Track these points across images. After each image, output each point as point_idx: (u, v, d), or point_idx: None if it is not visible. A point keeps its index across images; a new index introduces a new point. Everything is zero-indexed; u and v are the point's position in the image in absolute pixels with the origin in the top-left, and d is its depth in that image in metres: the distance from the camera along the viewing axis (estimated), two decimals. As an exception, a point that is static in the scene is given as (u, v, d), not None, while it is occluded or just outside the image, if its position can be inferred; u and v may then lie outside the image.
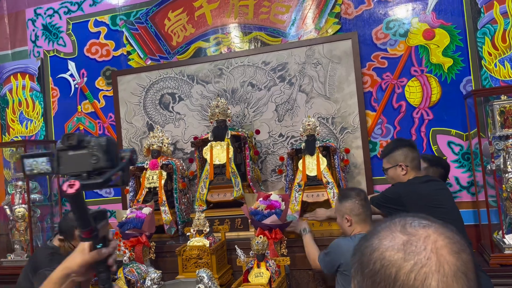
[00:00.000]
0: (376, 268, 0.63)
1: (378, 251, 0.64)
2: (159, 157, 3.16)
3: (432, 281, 0.60)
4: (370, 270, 0.63)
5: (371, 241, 0.67)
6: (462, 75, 2.95)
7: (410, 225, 0.66)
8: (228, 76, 3.37)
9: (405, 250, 0.62)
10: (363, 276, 0.65)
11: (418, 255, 0.62)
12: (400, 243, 0.63)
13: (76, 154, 0.89)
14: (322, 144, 2.87)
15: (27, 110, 3.86)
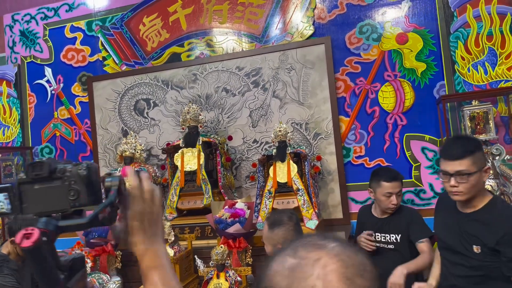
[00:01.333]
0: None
1: (269, 274, 0.61)
2: (132, 163, 3.13)
3: None
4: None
5: (272, 260, 0.63)
6: (436, 80, 2.91)
7: (302, 247, 0.61)
8: (203, 81, 3.34)
9: (292, 276, 0.58)
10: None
11: (304, 281, 0.57)
12: (287, 268, 0.59)
13: (46, 188, 0.70)
14: (293, 150, 2.83)
15: (4, 116, 3.84)
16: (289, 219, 1.88)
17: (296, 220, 1.92)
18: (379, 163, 3.00)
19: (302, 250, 0.61)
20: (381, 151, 3.00)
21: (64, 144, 3.69)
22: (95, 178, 0.72)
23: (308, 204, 2.71)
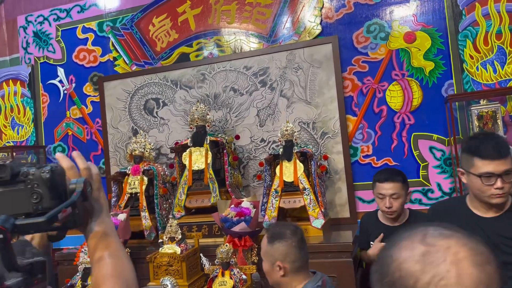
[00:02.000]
0: (395, 278, 0.63)
1: (396, 261, 0.64)
2: (141, 162, 3.17)
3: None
4: (389, 280, 0.64)
5: (391, 251, 0.67)
6: (444, 79, 2.89)
7: (431, 235, 0.65)
8: (211, 81, 3.37)
9: (424, 261, 0.62)
10: (382, 285, 0.66)
11: (436, 267, 0.61)
12: (418, 254, 0.63)
13: (9, 191, 0.70)
14: (299, 149, 2.85)
15: (18, 116, 3.93)
16: (292, 234, 1.71)
17: (301, 236, 1.76)
18: (386, 162, 3.00)
19: (431, 238, 0.65)
20: (388, 150, 3.00)
21: (76, 143, 3.76)
22: (60, 181, 0.71)
23: (314, 203, 2.72)
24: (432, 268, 0.61)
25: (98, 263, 0.79)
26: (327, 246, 2.47)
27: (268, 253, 1.70)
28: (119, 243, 0.84)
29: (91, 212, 0.81)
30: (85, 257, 2.37)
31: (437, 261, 0.62)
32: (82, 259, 2.37)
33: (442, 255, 0.62)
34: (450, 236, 0.65)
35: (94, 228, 0.81)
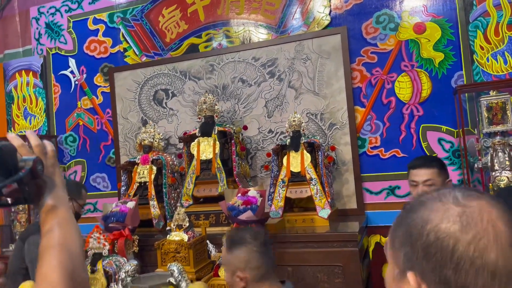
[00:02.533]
0: (430, 240, 0.63)
1: (431, 223, 0.64)
2: (150, 152, 3.21)
3: (491, 252, 0.61)
4: (424, 242, 0.63)
5: (420, 213, 0.67)
6: (454, 70, 2.87)
7: (461, 197, 0.66)
8: (219, 72, 3.39)
9: (462, 221, 0.63)
10: (413, 248, 0.65)
11: (476, 226, 0.62)
12: (455, 215, 0.63)
13: None
14: (307, 140, 2.85)
15: (31, 106, 4.00)
16: (253, 238, 1.59)
17: (263, 239, 1.62)
18: (394, 154, 2.99)
19: (463, 199, 0.65)
20: (396, 142, 2.99)
21: (87, 133, 3.81)
22: (9, 159, 0.73)
23: (321, 194, 2.73)
24: (472, 227, 0.62)
25: (46, 235, 0.83)
26: (333, 236, 2.48)
27: (228, 262, 1.57)
28: (68, 214, 0.86)
29: (43, 188, 0.83)
30: (95, 243, 2.42)
31: (475, 220, 0.62)
32: (91, 244, 2.42)
33: (478, 215, 0.63)
34: (480, 197, 0.66)
35: (46, 202, 0.83)
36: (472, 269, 0.60)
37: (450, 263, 0.61)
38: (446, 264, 0.61)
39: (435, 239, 0.63)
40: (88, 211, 3.76)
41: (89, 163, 3.80)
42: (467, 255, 0.61)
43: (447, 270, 0.61)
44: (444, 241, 0.62)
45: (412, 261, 0.65)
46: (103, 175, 3.75)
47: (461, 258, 0.61)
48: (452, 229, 0.62)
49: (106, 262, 2.40)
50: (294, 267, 2.51)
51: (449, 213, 0.64)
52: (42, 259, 0.81)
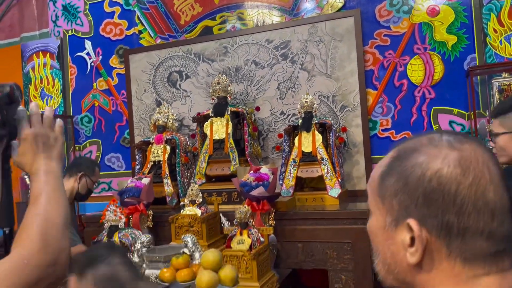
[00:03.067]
0: (433, 186, 0.64)
1: (431, 169, 0.65)
2: (164, 132, 3.28)
3: (490, 192, 0.64)
4: (425, 188, 0.64)
5: (413, 159, 0.67)
6: (466, 53, 2.88)
7: (454, 141, 0.68)
8: (233, 54, 3.43)
9: (462, 165, 0.65)
10: (411, 195, 0.66)
11: (474, 169, 0.65)
12: (455, 159, 0.65)
13: None
14: (318, 121, 2.89)
15: (48, 87, 4.08)
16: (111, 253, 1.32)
17: (122, 254, 1.40)
18: (405, 136, 3.02)
19: (456, 143, 0.67)
20: (407, 124, 3.02)
21: (102, 113, 3.89)
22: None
23: (331, 173, 2.78)
24: (471, 170, 0.64)
25: (33, 201, 0.94)
26: (343, 213, 2.53)
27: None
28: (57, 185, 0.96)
29: (41, 148, 0.96)
30: (111, 216, 2.50)
31: (473, 163, 0.65)
32: (108, 217, 2.50)
33: (474, 158, 0.65)
34: (468, 141, 0.68)
35: (39, 169, 0.95)
36: (474, 210, 0.63)
37: (453, 207, 0.63)
38: (449, 208, 0.63)
39: (438, 184, 0.64)
40: (103, 190, 3.86)
41: (104, 143, 3.89)
42: (469, 197, 0.63)
43: (450, 214, 0.63)
44: (447, 186, 0.64)
45: (410, 209, 0.66)
46: (118, 155, 3.84)
47: (464, 200, 0.63)
48: (454, 173, 0.64)
49: (122, 234, 2.48)
50: (304, 243, 2.57)
51: (448, 158, 0.65)
52: (24, 224, 0.91)
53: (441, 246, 0.65)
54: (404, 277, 0.70)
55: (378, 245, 0.74)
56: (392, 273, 0.72)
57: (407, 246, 0.67)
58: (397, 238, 0.69)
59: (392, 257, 0.70)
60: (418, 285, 0.69)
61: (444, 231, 0.64)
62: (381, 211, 0.71)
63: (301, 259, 2.61)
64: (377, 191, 0.72)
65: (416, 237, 0.65)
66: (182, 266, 1.87)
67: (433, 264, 0.66)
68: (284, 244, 2.63)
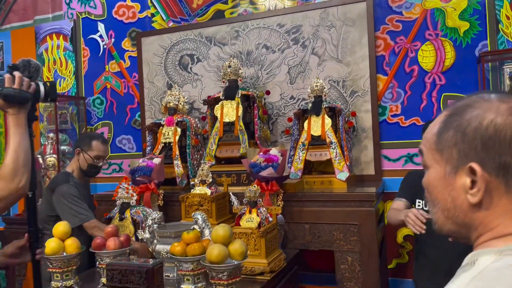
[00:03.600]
0: (489, 133, 0.75)
1: (487, 118, 0.76)
2: (175, 114, 3.32)
3: None
4: (483, 136, 0.75)
5: (470, 114, 0.78)
6: (478, 40, 2.87)
7: (501, 96, 0.79)
8: (244, 38, 3.45)
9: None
10: (470, 143, 0.76)
11: None
12: (507, 109, 0.76)
13: None
14: (328, 105, 2.92)
15: (61, 68, 4.14)
16: None
17: None
18: (414, 122, 3.03)
19: (504, 97, 0.79)
20: (417, 110, 3.03)
21: (114, 95, 3.94)
22: None
23: (340, 157, 2.80)
24: None
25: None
26: (350, 195, 2.56)
27: None
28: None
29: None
30: (123, 193, 2.55)
31: None
32: (120, 194, 2.55)
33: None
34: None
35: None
36: None
37: (509, 149, 0.74)
38: (505, 151, 0.74)
39: (494, 131, 0.74)
40: (114, 171, 3.93)
41: (115, 125, 3.94)
42: None
43: (506, 156, 0.74)
44: (502, 132, 0.74)
45: (469, 155, 0.76)
46: (129, 137, 3.90)
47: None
48: (508, 121, 0.74)
49: (134, 211, 2.54)
50: (311, 225, 2.61)
51: (501, 109, 0.76)
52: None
53: (500, 184, 0.75)
54: (463, 218, 0.80)
55: (437, 195, 0.83)
56: (452, 217, 0.81)
57: (468, 188, 0.77)
58: (457, 184, 0.79)
59: (452, 201, 0.80)
60: (477, 223, 0.78)
61: (502, 171, 0.74)
62: (440, 163, 0.82)
63: (308, 240, 2.66)
64: (434, 146, 0.83)
65: (478, 177, 0.75)
66: (193, 240, 1.91)
67: (492, 201, 0.76)
68: (291, 225, 2.67)
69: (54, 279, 2.13)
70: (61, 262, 2.11)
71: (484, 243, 0.77)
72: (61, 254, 2.13)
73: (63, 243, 2.14)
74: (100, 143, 2.96)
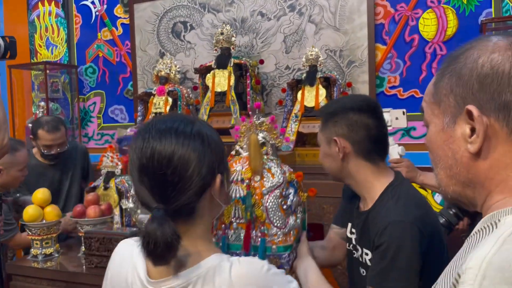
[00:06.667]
0: (486, 71, 0.64)
1: (483, 56, 0.65)
2: (167, 84, 3.22)
3: None
4: (478, 75, 0.65)
5: (466, 55, 0.68)
6: (482, 7, 2.72)
7: (504, 35, 0.69)
8: (239, 4, 3.31)
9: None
10: (466, 86, 0.66)
11: None
12: (505, 44, 0.65)
13: None
14: (323, 75, 2.80)
15: (53, 36, 4.03)
16: None
17: None
18: (413, 94, 2.91)
19: (506, 36, 0.68)
20: (416, 82, 2.90)
21: (106, 64, 3.84)
22: None
23: (333, 129, 2.70)
24: None
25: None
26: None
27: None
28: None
29: None
30: (108, 162, 2.49)
31: None
32: (105, 163, 2.49)
33: None
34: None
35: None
36: None
37: (508, 86, 0.63)
38: (504, 89, 0.63)
39: (491, 68, 0.64)
40: (106, 142, 3.86)
41: (107, 95, 3.86)
42: None
43: (506, 94, 0.63)
44: (500, 67, 0.63)
45: (467, 99, 0.66)
46: (121, 107, 3.81)
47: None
48: (506, 55, 0.64)
49: (119, 180, 2.47)
50: (301, 198, 2.54)
51: (499, 44, 0.65)
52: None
53: (501, 127, 0.64)
54: (466, 174, 0.69)
55: (438, 151, 0.73)
56: (455, 175, 0.71)
57: (468, 137, 0.67)
58: (456, 134, 0.69)
59: (453, 156, 0.70)
60: (483, 177, 0.68)
61: (502, 111, 0.64)
62: (438, 116, 0.72)
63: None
64: (432, 98, 0.73)
65: (476, 119, 0.65)
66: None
67: (496, 148, 0.65)
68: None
69: (33, 246, 2.09)
70: (40, 229, 2.07)
71: (499, 202, 0.65)
72: (41, 221, 2.08)
73: (42, 210, 2.09)
74: (45, 132, 2.60)
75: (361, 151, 1.31)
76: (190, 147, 0.88)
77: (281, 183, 1.37)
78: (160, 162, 0.86)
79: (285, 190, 1.37)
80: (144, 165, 0.87)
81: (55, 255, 2.10)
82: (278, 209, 1.33)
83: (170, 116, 0.97)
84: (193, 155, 0.87)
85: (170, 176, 0.86)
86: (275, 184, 1.35)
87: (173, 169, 0.86)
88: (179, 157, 0.86)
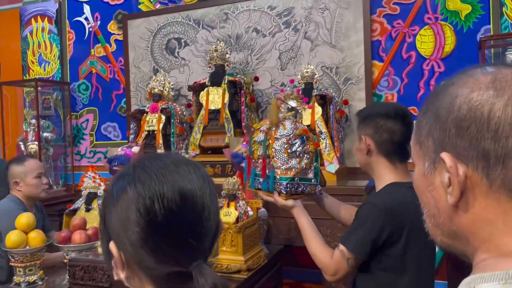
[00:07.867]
0: (463, 113, 0.57)
1: (461, 96, 0.57)
2: (160, 101, 3.16)
3: None
4: (455, 117, 0.57)
5: (446, 91, 0.60)
6: (480, 24, 2.68)
7: (490, 67, 0.60)
8: (233, 21, 3.27)
9: (495, 86, 0.56)
10: (443, 129, 0.59)
11: (510, 88, 0.56)
12: (487, 81, 0.57)
13: None
14: (319, 92, 2.75)
15: (45, 52, 3.98)
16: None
17: None
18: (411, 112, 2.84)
19: (492, 68, 0.59)
20: (414, 99, 2.84)
21: (100, 81, 3.78)
22: None
23: (330, 148, 2.64)
24: (506, 90, 0.55)
25: None
26: (338, 189, 2.41)
27: None
28: None
29: None
30: (90, 182, 2.40)
31: (508, 83, 0.56)
32: (86, 184, 2.40)
33: (510, 77, 0.56)
34: (509, 67, 0.59)
35: None
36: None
37: (488, 132, 0.55)
38: (483, 135, 0.55)
39: (468, 110, 0.56)
40: (98, 160, 3.78)
41: (100, 112, 3.79)
42: (505, 119, 0.54)
43: (485, 140, 0.55)
44: (478, 110, 0.55)
45: (444, 144, 0.59)
46: (114, 124, 3.74)
47: (499, 123, 0.54)
48: (486, 95, 0.55)
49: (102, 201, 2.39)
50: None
51: (480, 81, 0.57)
52: None
53: (481, 179, 0.56)
54: (450, 226, 0.61)
55: (421, 197, 0.66)
56: (439, 225, 0.63)
57: (446, 186, 0.59)
58: (436, 182, 0.61)
59: (435, 205, 0.63)
60: (467, 232, 0.60)
61: (481, 161, 0.56)
62: (421, 158, 0.64)
63: (293, 235, 2.51)
64: (415, 139, 0.66)
65: (448, 169, 0.57)
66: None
67: (476, 201, 0.57)
68: (276, 219, 2.52)
69: (16, 273, 2.00)
70: (23, 256, 1.98)
71: (481, 263, 0.58)
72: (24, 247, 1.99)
73: (26, 236, 2.00)
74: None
75: (383, 151, 1.55)
76: None
77: (290, 134, 1.70)
78: None
79: (292, 139, 1.69)
80: None
81: (38, 282, 2.00)
82: (283, 151, 1.68)
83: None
84: None
85: None
86: (284, 134, 1.70)
87: None
88: None
